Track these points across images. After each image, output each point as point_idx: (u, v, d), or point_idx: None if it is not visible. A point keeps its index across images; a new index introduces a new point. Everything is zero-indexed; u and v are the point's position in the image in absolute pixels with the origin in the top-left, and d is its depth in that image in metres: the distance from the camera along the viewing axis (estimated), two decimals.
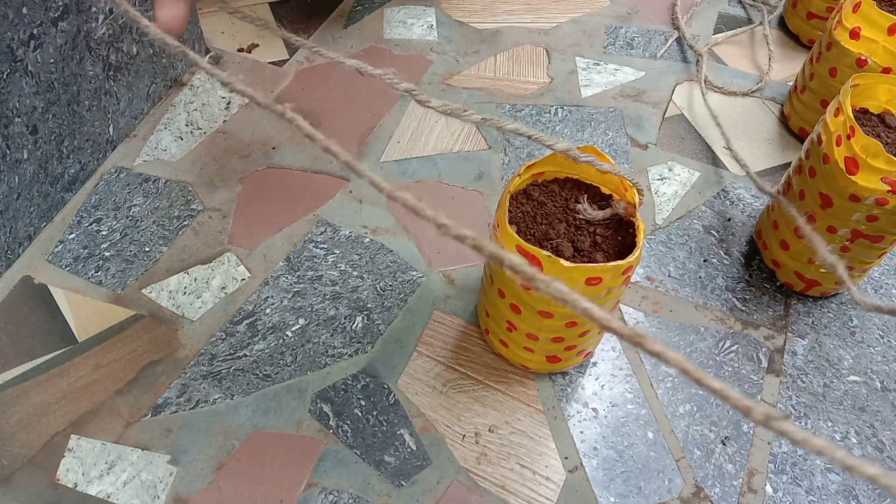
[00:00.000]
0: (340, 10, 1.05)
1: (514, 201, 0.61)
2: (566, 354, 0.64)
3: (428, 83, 0.95)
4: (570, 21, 1.06)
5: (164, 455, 0.61)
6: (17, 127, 0.67)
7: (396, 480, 0.61)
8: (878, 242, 0.66)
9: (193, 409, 0.64)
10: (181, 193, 0.80)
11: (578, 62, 1.00)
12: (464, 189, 0.83)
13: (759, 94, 0.97)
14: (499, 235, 0.58)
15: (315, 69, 0.96)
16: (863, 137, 0.62)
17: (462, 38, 1.02)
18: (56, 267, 0.73)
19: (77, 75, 0.73)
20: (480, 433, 0.64)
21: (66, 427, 0.63)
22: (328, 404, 0.65)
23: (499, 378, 0.68)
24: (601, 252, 0.58)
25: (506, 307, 0.61)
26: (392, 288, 0.73)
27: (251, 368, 0.67)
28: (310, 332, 0.70)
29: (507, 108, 0.92)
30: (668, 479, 0.62)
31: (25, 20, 0.64)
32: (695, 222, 0.82)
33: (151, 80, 0.86)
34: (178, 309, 0.71)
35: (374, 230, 0.78)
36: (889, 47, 0.78)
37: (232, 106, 0.90)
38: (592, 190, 0.63)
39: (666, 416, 0.66)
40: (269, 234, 0.77)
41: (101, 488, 0.60)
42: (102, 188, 0.80)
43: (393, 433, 0.64)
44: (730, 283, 0.77)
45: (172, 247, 0.75)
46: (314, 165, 0.84)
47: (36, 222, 0.75)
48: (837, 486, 0.63)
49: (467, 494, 0.61)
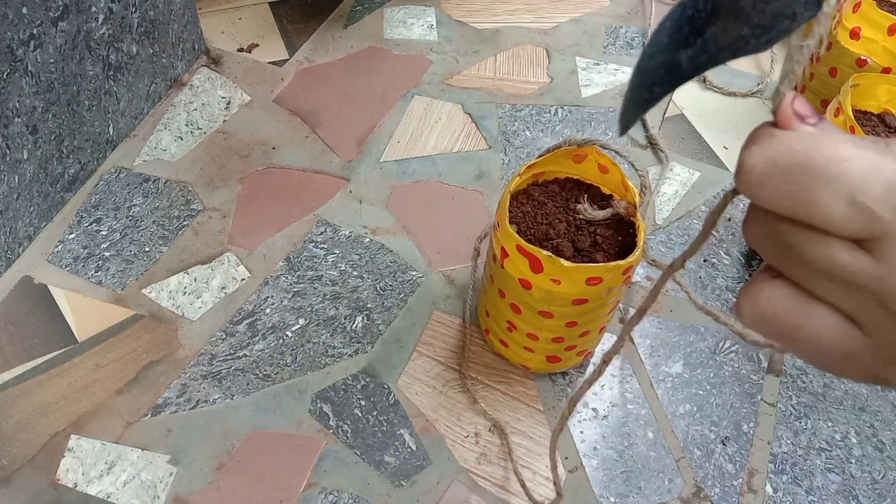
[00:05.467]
0: (340, 10, 1.05)
1: (515, 201, 0.61)
2: (566, 354, 0.64)
3: (428, 83, 0.95)
4: (570, 21, 1.06)
5: (164, 455, 0.61)
6: (17, 127, 0.67)
7: (396, 480, 0.61)
8: None
9: (193, 409, 0.64)
10: (181, 193, 0.80)
11: (578, 62, 1.00)
12: (464, 189, 0.83)
13: (759, 94, 0.97)
14: (499, 235, 0.58)
15: (315, 69, 0.96)
16: None
17: (462, 38, 1.02)
18: (56, 267, 0.73)
19: (77, 75, 0.73)
20: (480, 433, 0.64)
21: (66, 427, 0.63)
22: (328, 404, 0.65)
23: (499, 378, 0.68)
24: (601, 252, 0.58)
25: (506, 307, 0.61)
26: (392, 288, 0.73)
27: (251, 368, 0.67)
28: (310, 332, 0.70)
29: (507, 107, 0.92)
30: (668, 479, 0.62)
31: (25, 20, 0.64)
32: (695, 222, 0.82)
33: (151, 80, 0.86)
34: (178, 309, 0.71)
35: (374, 230, 0.78)
36: (889, 47, 0.78)
37: (232, 106, 0.90)
38: (593, 190, 0.63)
39: (666, 416, 0.66)
40: (269, 234, 0.77)
41: (101, 488, 0.60)
42: (102, 188, 0.80)
43: (393, 433, 0.64)
44: (730, 283, 0.77)
45: (172, 247, 0.75)
46: (314, 165, 0.84)
47: (36, 222, 0.75)
48: (837, 486, 0.63)
49: (467, 494, 0.61)
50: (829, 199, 0.19)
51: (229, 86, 0.92)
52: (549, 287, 0.55)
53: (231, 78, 0.93)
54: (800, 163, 0.19)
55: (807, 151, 0.19)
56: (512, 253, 0.56)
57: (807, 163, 0.19)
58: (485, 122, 0.90)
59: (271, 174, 0.83)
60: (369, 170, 0.84)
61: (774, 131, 0.20)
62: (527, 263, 0.55)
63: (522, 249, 0.54)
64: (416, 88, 0.94)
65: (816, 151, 0.19)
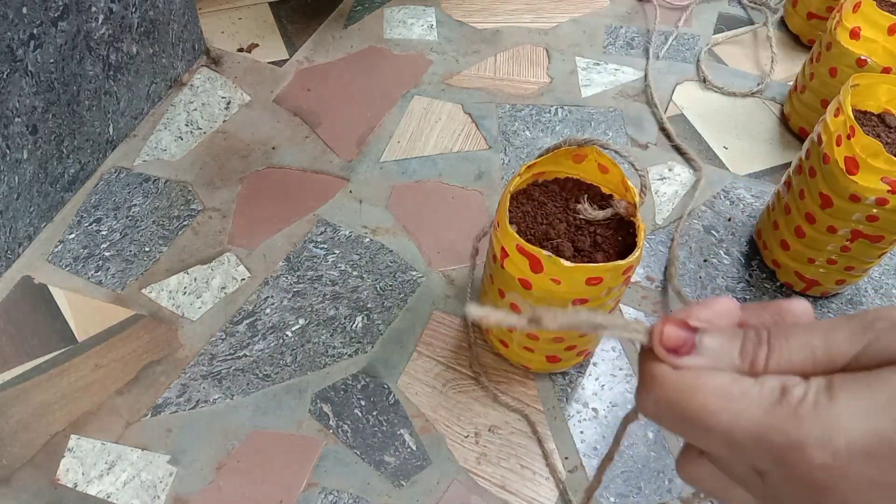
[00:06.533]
0: (340, 10, 1.05)
1: (515, 201, 0.61)
2: (566, 354, 0.64)
3: (428, 83, 0.95)
4: (570, 21, 1.06)
5: (164, 455, 0.61)
6: (17, 127, 0.67)
7: (396, 480, 0.61)
8: (878, 242, 0.66)
9: (193, 409, 0.64)
10: (181, 193, 0.80)
11: (578, 62, 1.00)
12: (464, 189, 0.83)
13: (759, 94, 0.97)
14: (499, 235, 0.58)
15: (315, 69, 0.96)
16: (863, 137, 0.62)
17: (462, 37, 1.02)
18: (56, 267, 0.73)
19: (77, 75, 0.73)
20: (480, 433, 0.64)
21: (66, 427, 0.63)
22: (328, 404, 0.65)
23: (499, 378, 0.68)
24: (601, 252, 0.58)
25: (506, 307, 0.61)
26: (392, 288, 0.73)
27: (251, 368, 0.67)
28: (310, 332, 0.70)
29: (506, 107, 0.92)
30: (668, 479, 0.62)
31: (25, 20, 0.64)
32: (695, 222, 0.82)
33: (151, 80, 0.86)
34: (178, 309, 0.71)
35: (374, 230, 0.78)
36: (889, 47, 0.78)
37: (232, 106, 0.90)
38: (593, 190, 0.63)
39: None
40: (269, 234, 0.77)
41: (101, 488, 0.60)
42: (102, 188, 0.80)
43: (393, 433, 0.64)
44: (730, 283, 0.77)
45: (172, 247, 0.75)
46: (314, 165, 0.84)
47: (36, 222, 0.75)
48: None
49: (467, 494, 0.61)
50: (711, 444, 0.21)
51: (229, 86, 0.92)
52: (549, 287, 0.55)
53: (231, 78, 0.93)
54: (679, 413, 0.21)
55: (679, 403, 0.21)
56: (512, 253, 0.56)
57: (683, 414, 0.21)
58: (485, 122, 0.90)
59: (271, 174, 0.83)
60: (369, 170, 0.84)
61: (655, 373, 0.21)
62: (527, 263, 0.55)
63: (522, 249, 0.54)
64: (416, 88, 0.94)
65: (689, 404, 0.20)
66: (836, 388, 0.19)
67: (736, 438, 0.20)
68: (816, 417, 0.18)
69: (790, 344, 0.20)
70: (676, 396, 0.21)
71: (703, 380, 0.20)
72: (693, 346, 0.21)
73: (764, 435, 0.19)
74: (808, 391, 0.19)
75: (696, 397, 0.20)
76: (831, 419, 0.18)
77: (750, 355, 0.21)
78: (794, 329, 0.21)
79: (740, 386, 0.20)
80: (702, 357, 0.21)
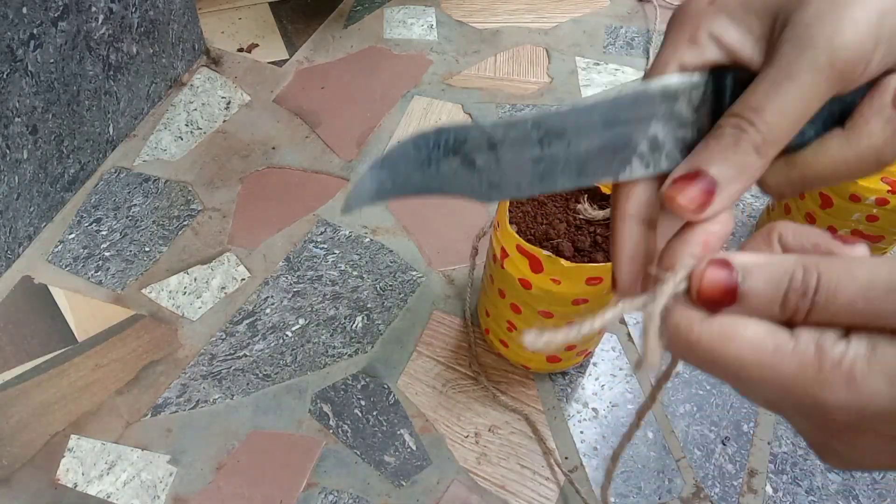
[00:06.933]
0: (340, 10, 1.05)
1: (515, 201, 0.61)
2: (566, 354, 0.64)
3: (428, 83, 0.95)
4: (570, 21, 1.06)
5: (164, 455, 0.61)
6: (17, 127, 0.67)
7: (396, 480, 0.61)
8: (878, 242, 0.66)
9: (193, 409, 0.64)
10: (181, 193, 0.80)
11: (578, 62, 1.00)
12: None
13: None
14: (499, 235, 0.58)
15: (315, 69, 0.96)
16: None
17: (462, 38, 1.02)
18: (56, 267, 0.73)
19: (77, 75, 0.73)
20: (480, 433, 0.64)
21: (66, 427, 0.63)
22: (328, 404, 0.65)
23: (499, 378, 0.68)
24: (602, 252, 0.58)
25: (506, 307, 0.61)
26: (392, 288, 0.73)
27: (251, 368, 0.67)
28: (310, 332, 0.70)
29: (506, 107, 0.92)
30: (668, 479, 0.62)
31: (25, 20, 0.64)
32: None
33: (151, 80, 0.86)
34: (178, 309, 0.71)
35: (374, 230, 0.78)
36: None
37: (232, 106, 0.90)
38: (593, 190, 0.63)
39: (666, 416, 0.66)
40: (269, 234, 0.77)
41: (101, 488, 0.60)
42: (102, 188, 0.80)
43: (393, 433, 0.64)
44: None
45: (172, 247, 0.75)
46: (314, 165, 0.84)
47: (36, 222, 0.75)
48: (837, 486, 0.63)
49: (467, 494, 0.61)
50: (748, 393, 0.21)
51: (229, 86, 0.92)
52: (550, 287, 0.55)
53: (231, 78, 0.93)
54: (710, 360, 0.20)
55: (713, 352, 0.20)
56: (512, 253, 0.56)
57: (716, 363, 0.20)
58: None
59: (271, 174, 0.83)
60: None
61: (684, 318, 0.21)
62: (527, 263, 0.55)
63: (522, 249, 0.54)
64: (416, 88, 0.94)
65: (722, 353, 0.20)
66: (878, 355, 0.18)
67: (767, 394, 0.19)
68: (847, 385, 0.18)
69: (837, 301, 0.19)
70: (710, 345, 0.20)
71: (738, 329, 0.20)
72: (735, 297, 0.20)
73: (791, 393, 0.19)
74: (846, 356, 0.18)
75: (730, 347, 0.19)
76: (864, 387, 0.18)
77: (791, 308, 0.20)
78: (843, 286, 0.19)
79: (775, 339, 0.19)
80: (741, 309, 0.20)
